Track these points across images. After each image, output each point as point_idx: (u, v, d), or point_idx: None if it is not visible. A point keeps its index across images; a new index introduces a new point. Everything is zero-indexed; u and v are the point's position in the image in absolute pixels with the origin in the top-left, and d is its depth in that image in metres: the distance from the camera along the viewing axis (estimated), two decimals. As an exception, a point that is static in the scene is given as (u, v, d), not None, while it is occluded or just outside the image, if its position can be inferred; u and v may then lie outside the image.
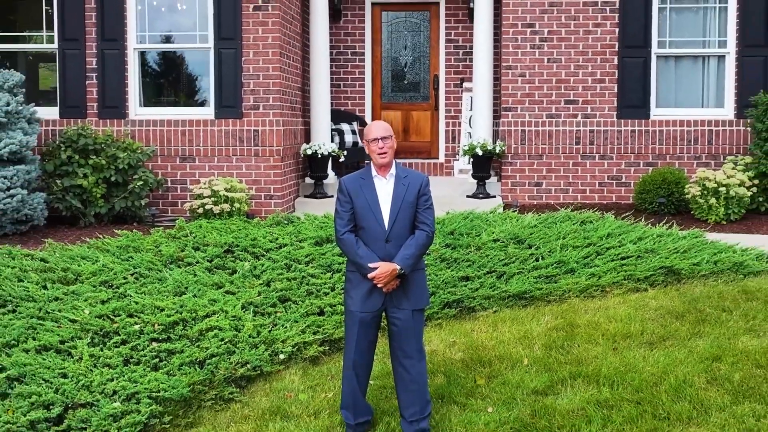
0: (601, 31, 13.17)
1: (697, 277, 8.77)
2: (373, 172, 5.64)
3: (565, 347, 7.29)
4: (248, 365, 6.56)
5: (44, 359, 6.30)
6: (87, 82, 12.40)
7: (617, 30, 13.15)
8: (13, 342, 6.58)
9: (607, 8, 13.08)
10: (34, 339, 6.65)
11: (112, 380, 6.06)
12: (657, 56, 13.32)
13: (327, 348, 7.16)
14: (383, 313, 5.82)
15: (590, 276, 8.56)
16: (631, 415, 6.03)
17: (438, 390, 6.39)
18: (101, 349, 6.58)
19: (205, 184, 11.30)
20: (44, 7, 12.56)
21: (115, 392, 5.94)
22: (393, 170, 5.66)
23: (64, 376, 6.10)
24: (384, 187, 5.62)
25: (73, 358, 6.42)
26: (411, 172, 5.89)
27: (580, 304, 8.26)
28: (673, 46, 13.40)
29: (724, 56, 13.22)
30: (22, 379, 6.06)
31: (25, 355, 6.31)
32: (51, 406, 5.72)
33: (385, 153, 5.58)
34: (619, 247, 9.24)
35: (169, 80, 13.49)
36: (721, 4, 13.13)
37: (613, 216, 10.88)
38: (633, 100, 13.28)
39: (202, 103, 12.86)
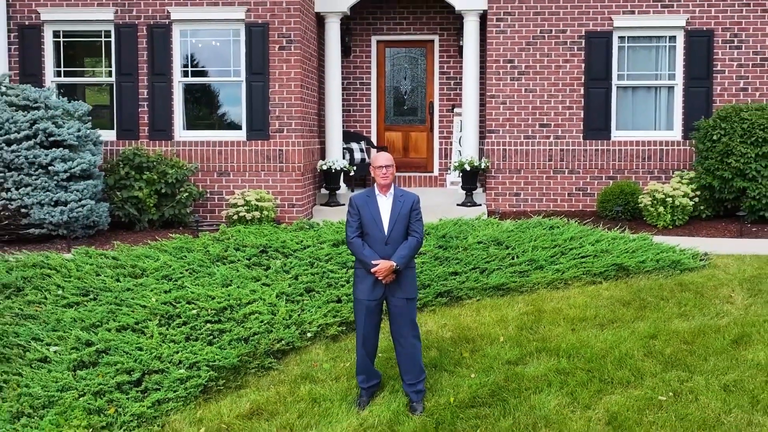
0: (569, 66, 13.38)
1: (642, 273, 9.08)
2: (377, 191, 6.21)
3: (533, 328, 7.77)
4: (283, 341, 7.07)
5: (123, 336, 6.83)
6: (139, 109, 12.63)
7: (583, 65, 13.37)
8: (97, 323, 7.11)
9: (575, 47, 13.30)
10: (114, 321, 7.16)
11: (177, 352, 6.58)
12: (617, 87, 13.53)
13: (344, 328, 7.61)
14: (384, 302, 6.36)
15: (555, 271, 8.91)
16: (583, 380, 6.56)
17: (432, 361, 6.90)
18: (167, 329, 7.08)
19: (238, 195, 11.63)
20: (103, 47, 12.79)
21: (180, 362, 6.47)
22: (392, 190, 6.23)
23: (140, 349, 6.62)
24: (385, 203, 6.21)
25: (145, 335, 6.92)
26: (405, 192, 6.45)
27: (547, 294, 8.66)
28: (631, 78, 13.59)
29: (673, 87, 13.46)
30: (108, 352, 6.60)
31: (108, 333, 6.85)
32: (132, 372, 6.27)
33: (387, 177, 6.18)
34: (580, 247, 9.52)
35: (207, 107, 13.52)
36: (670, 43, 13.34)
37: (578, 222, 11.03)
38: (597, 124, 13.50)
39: (236, 127, 12.99)
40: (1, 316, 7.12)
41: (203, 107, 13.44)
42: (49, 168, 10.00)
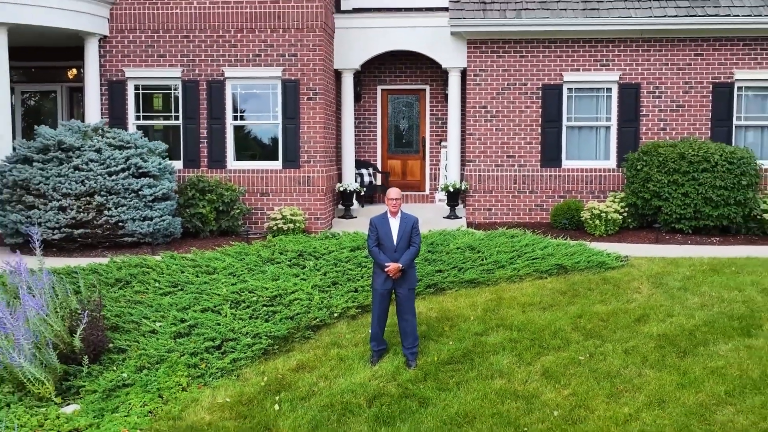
0: (530, 110, 13.71)
1: (577, 270, 9.77)
2: (389, 215, 7.29)
3: (495, 310, 8.59)
4: (317, 319, 7.99)
5: (206, 316, 7.81)
6: (200, 145, 13.08)
7: (540, 110, 13.69)
8: (186, 306, 8.06)
9: (534, 96, 13.65)
10: (198, 305, 8.09)
11: (244, 326, 7.59)
12: (566, 127, 13.80)
13: (360, 310, 8.46)
14: (392, 291, 7.32)
15: (513, 270, 9.59)
16: (527, 346, 7.57)
17: (422, 333, 7.82)
18: (236, 310, 8.02)
19: (277, 211, 12.33)
20: (172, 97, 13.21)
21: (247, 333, 7.48)
22: (400, 214, 7.29)
23: (218, 324, 7.61)
24: (394, 224, 7.27)
25: (221, 315, 7.87)
26: (409, 215, 7.42)
27: (506, 286, 9.37)
28: (577, 120, 13.84)
29: (610, 127, 13.77)
30: (196, 326, 7.61)
31: (195, 314, 7.84)
32: (214, 340, 7.32)
33: (395, 206, 7.26)
34: (532, 252, 10.16)
35: (252, 143, 13.59)
36: (607, 93, 13.67)
37: (532, 232, 11.55)
38: (551, 155, 13.80)
39: (274, 158, 13.24)
40: (118, 302, 8.24)
41: (249, 143, 13.52)
42: (139, 192, 10.75)
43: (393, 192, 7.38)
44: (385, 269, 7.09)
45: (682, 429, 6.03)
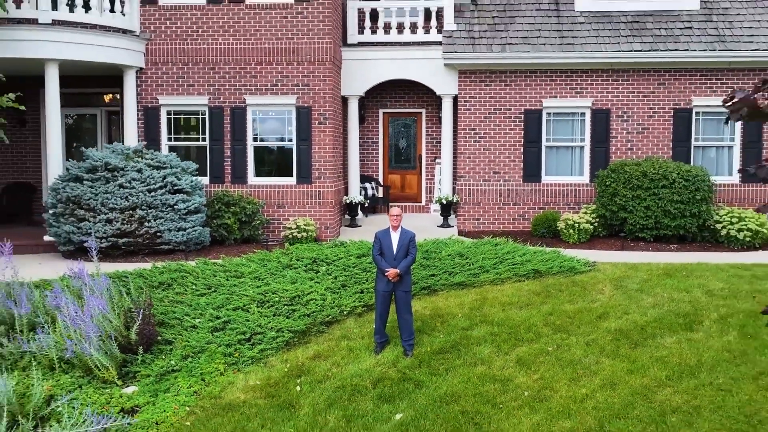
0: (513, 132, 14.32)
1: (550, 274, 10.43)
2: (390, 229, 8.08)
3: (479, 308, 9.29)
4: (330, 316, 8.76)
5: (237, 313, 8.62)
6: (224, 163, 13.72)
7: (523, 132, 14.27)
8: (220, 305, 8.87)
9: (517, 120, 14.25)
10: (230, 304, 8.89)
11: (269, 322, 8.40)
12: (545, 147, 14.35)
13: (366, 309, 9.18)
14: (392, 293, 8.06)
15: (496, 274, 10.23)
16: (505, 338, 8.35)
17: (418, 328, 8.56)
18: (262, 308, 8.80)
19: (292, 221, 13.02)
20: (200, 121, 13.85)
21: (271, 327, 8.29)
22: (400, 229, 8.08)
23: (248, 320, 8.41)
24: (395, 237, 8.04)
25: (250, 312, 8.66)
26: (407, 230, 8.15)
27: (490, 288, 10.04)
28: (554, 141, 14.37)
29: (584, 147, 14.32)
30: (229, 322, 8.42)
31: (228, 311, 8.67)
32: (245, 333, 8.14)
33: (396, 222, 8.05)
34: (513, 258, 10.80)
35: (269, 162, 14.03)
36: (581, 117, 14.25)
37: (513, 240, 12.17)
38: (532, 172, 14.34)
39: (289, 175, 13.75)
40: (162, 301, 9.13)
41: (267, 161, 14.00)
42: (174, 207, 11.53)
43: (394, 210, 8.26)
44: (386, 274, 7.94)
45: (627, 406, 6.98)
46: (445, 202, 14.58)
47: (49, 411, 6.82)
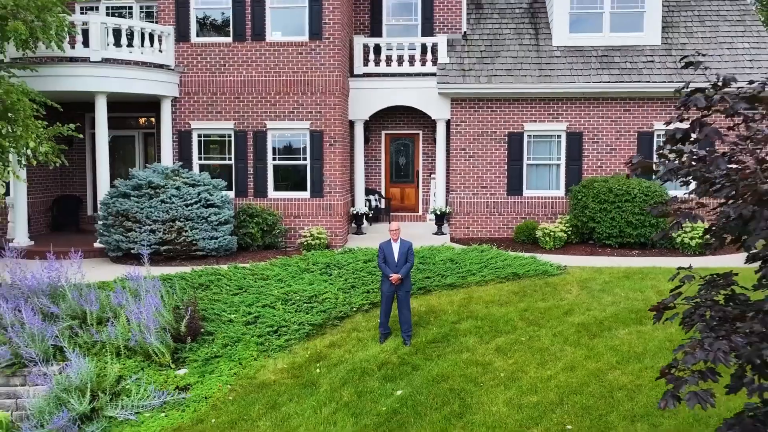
0: (499, 152, 15.25)
1: (527, 277, 11.29)
2: (392, 241, 9.19)
3: (466, 306, 10.27)
4: (342, 312, 9.81)
5: (265, 310, 9.71)
6: (248, 179, 14.67)
7: (507, 151, 15.21)
8: (251, 303, 9.95)
9: (502, 141, 15.13)
10: (258, 302, 9.97)
11: (292, 317, 9.49)
12: (527, 164, 15.18)
13: (372, 306, 10.16)
14: (395, 293, 9.14)
15: (481, 276, 11.13)
16: (487, 331, 9.40)
17: (415, 322, 9.62)
18: (286, 306, 9.88)
19: (306, 230, 13.95)
20: (226, 143, 14.80)
21: (294, 322, 9.39)
22: (399, 240, 9.17)
23: (274, 315, 9.51)
24: (395, 247, 9.12)
25: (276, 309, 9.76)
26: (406, 241, 9.20)
27: (476, 288, 10.95)
28: (535, 159, 15.21)
29: (560, 164, 15.17)
30: (259, 317, 9.51)
31: (257, 308, 9.77)
32: (272, 326, 9.24)
33: (395, 235, 9.13)
34: (495, 263, 11.68)
35: (287, 178, 14.84)
36: (558, 139, 15.15)
37: (498, 246, 13.11)
38: (514, 186, 15.22)
39: (303, 189, 14.67)
40: (203, 300, 10.29)
41: (284, 178, 14.85)
42: (208, 219, 12.62)
43: (393, 225, 9.43)
44: (390, 278, 9.13)
45: (583, 384, 8.16)
46: (439, 212, 15.59)
47: (119, 388, 8.04)
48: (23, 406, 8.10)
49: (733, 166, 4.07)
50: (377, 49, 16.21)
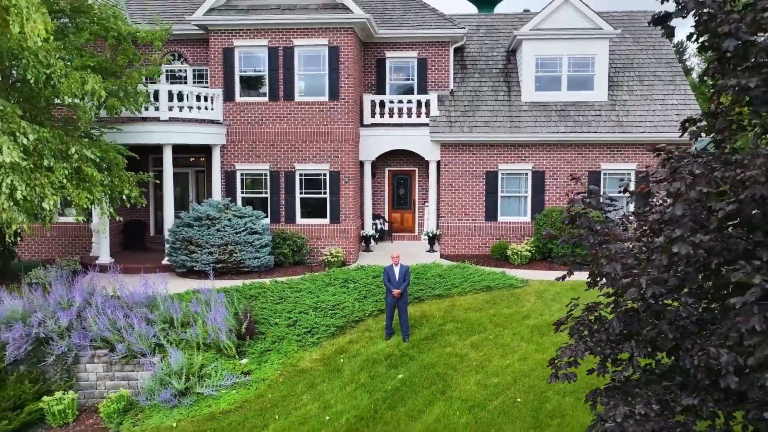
0: (479, 186, 17.08)
1: (497, 288, 13.07)
2: (393, 265, 11.22)
3: (450, 311, 12.11)
4: (357, 317, 11.71)
5: (302, 315, 11.65)
6: (280, 208, 16.60)
7: (485, 186, 17.08)
8: (289, 310, 11.86)
9: (481, 177, 17.00)
10: (295, 309, 11.88)
11: (322, 321, 11.44)
12: (501, 196, 17.02)
13: (379, 312, 12.02)
14: (396, 303, 11.09)
15: (462, 288, 12.91)
16: (464, 330, 11.29)
17: (411, 324, 11.47)
18: (315, 312, 11.81)
19: (326, 250, 15.87)
20: (263, 180, 16.79)
21: (323, 324, 11.34)
22: (399, 264, 11.21)
23: (308, 320, 11.47)
24: (396, 269, 11.06)
25: (308, 315, 11.73)
26: (404, 265, 11.12)
27: (458, 298, 12.74)
28: (507, 192, 17.01)
29: (527, 197, 17.02)
30: (297, 321, 11.51)
31: (295, 314, 11.73)
32: (307, 327, 11.23)
33: (396, 261, 11.23)
34: (473, 278, 13.47)
35: (311, 207, 16.68)
36: (525, 176, 16.96)
37: (476, 263, 15.02)
38: (491, 214, 17.02)
39: (324, 217, 16.51)
40: (255, 308, 12.56)
41: (309, 208, 16.74)
42: (252, 243, 14.66)
43: (394, 253, 11.55)
44: (392, 292, 11.32)
45: (531, 370, 10.33)
46: (431, 234, 17.60)
47: (202, 373, 10.29)
48: (135, 386, 10.34)
49: (597, 239, 6.31)
50: (382, 104, 18.21)
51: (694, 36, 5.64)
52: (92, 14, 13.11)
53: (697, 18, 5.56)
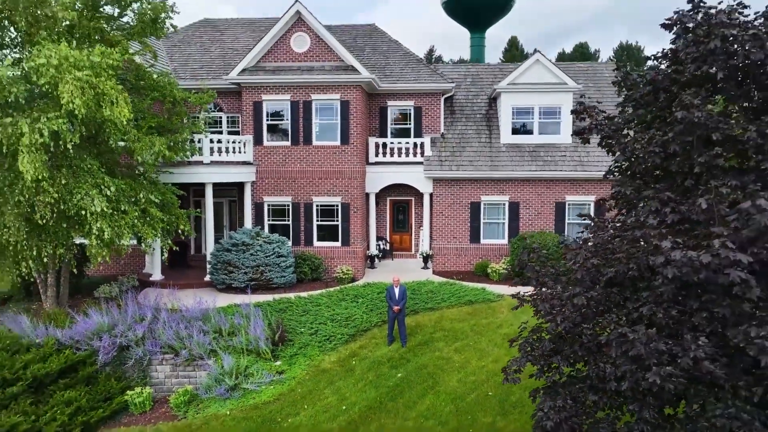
0: (464, 214, 18.74)
1: (477, 302, 14.62)
2: (394, 286, 13.34)
3: (439, 322, 13.74)
4: (365, 327, 13.44)
5: (321, 326, 13.51)
6: (300, 234, 18.28)
7: (470, 214, 18.78)
8: (311, 321, 13.64)
9: (467, 207, 18.66)
10: (317, 320, 13.60)
11: (337, 330, 13.23)
12: (483, 222, 18.68)
13: (383, 323, 13.62)
14: (396, 317, 12.97)
15: (449, 302, 14.49)
16: (450, 337, 12.99)
17: (408, 333, 13.16)
18: (332, 323, 13.52)
19: (339, 269, 17.58)
20: (286, 210, 18.55)
21: (339, 333, 13.18)
22: (399, 285, 13.32)
23: (327, 329, 13.27)
24: (396, 289, 12.83)
25: (327, 325, 13.54)
26: (402, 285, 13.17)
27: (445, 310, 14.33)
28: (489, 219, 18.66)
29: (505, 223, 18.65)
30: (318, 331, 13.38)
31: (316, 324, 13.53)
32: (326, 336, 13.08)
33: (397, 282, 13.36)
34: (458, 293, 15.04)
35: (326, 232, 18.20)
36: (503, 206, 18.80)
37: (459, 279, 16.63)
38: (475, 237, 18.63)
39: (336, 240, 18.13)
40: (285, 320, 14.52)
41: (324, 232, 18.33)
42: (279, 264, 16.45)
43: (395, 276, 13.42)
44: (393, 309, 13.26)
45: (501, 370, 12.35)
46: (425, 254, 19.43)
47: (246, 372, 12.30)
48: (195, 382, 12.33)
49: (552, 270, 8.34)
50: (384, 146, 20.05)
51: (602, 144, 7.71)
52: (153, 83, 15.14)
53: (599, 135, 7.64)
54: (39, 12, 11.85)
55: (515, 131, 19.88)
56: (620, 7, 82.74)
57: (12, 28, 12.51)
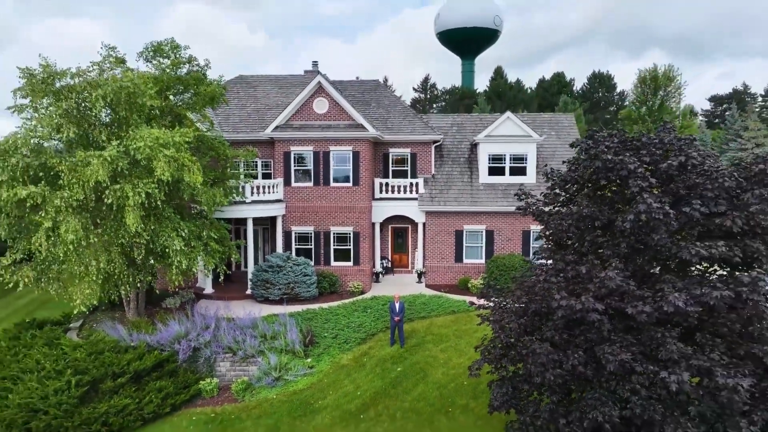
0: (451, 239, 20.98)
1: (459, 312, 16.80)
2: (395, 301, 16.01)
3: (429, 328, 15.94)
4: (373, 332, 16.00)
5: (339, 331, 16.35)
6: (320, 255, 20.58)
7: (455, 239, 21.03)
8: (332, 328, 16.34)
9: (452, 234, 20.93)
10: (335, 326, 16.14)
11: (352, 335, 15.86)
12: (466, 246, 21.08)
13: (387, 329, 15.83)
14: (396, 325, 15.66)
15: (437, 312, 16.66)
16: (438, 340, 15.36)
17: (406, 336, 15.68)
18: (348, 329, 16.18)
19: (351, 283, 20.05)
20: (309, 236, 21.64)
21: (353, 336, 15.89)
22: (400, 300, 15.96)
23: (344, 334, 16.10)
24: (397, 304, 15.41)
25: (344, 331, 16.17)
26: (401, 301, 15.80)
27: (434, 318, 16.48)
28: (470, 243, 21.12)
29: (482, 247, 21.04)
30: (338, 335, 16.06)
31: (336, 330, 15.92)
32: (344, 340, 15.75)
33: (397, 298, 15.98)
34: (445, 304, 17.23)
35: (341, 254, 20.61)
36: (481, 233, 21.76)
37: (446, 292, 18.93)
38: (459, 258, 20.90)
39: (349, 261, 20.57)
40: (312, 326, 17.19)
41: (339, 254, 20.71)
42: (305, 281, 19.68)
43: (396, 293, 16.06)
44: (394, 319, 15.85)
45: (474, 365, 15.07)
46: (419, 271, 21.86)
47: (287, 367, 15.06)
48: (249, 375, 15.07)
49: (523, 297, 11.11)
50: (386, 185, 22.51)
51: (534, 217, 10.53)
52: (210, 143, 17.97)
53: (531, 213, 10.45)
54: (133, 101, 14.67)
55: (491, 173, 22.31)
56: (601, 27, 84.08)
57: (111, 113, 15.34)
